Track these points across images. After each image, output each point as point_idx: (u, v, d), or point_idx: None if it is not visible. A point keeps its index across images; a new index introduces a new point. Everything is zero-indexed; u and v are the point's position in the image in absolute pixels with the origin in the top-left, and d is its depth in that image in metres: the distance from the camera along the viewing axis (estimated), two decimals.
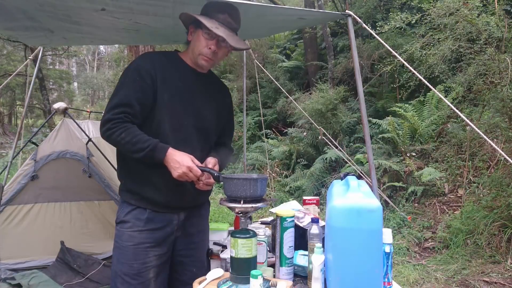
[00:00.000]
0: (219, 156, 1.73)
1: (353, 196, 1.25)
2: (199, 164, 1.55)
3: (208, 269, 1.86)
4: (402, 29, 6.48)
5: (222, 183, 1.50)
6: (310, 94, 7.82)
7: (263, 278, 1.31)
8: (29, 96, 3.85)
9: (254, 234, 1.39)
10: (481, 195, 4.33)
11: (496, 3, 4.80)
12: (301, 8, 2.23)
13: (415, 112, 5.86)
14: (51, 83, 19.66)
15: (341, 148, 5.72)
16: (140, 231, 1.63)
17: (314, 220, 1.46)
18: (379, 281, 1.24)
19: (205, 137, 1.72)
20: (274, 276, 1.52)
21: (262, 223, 2.11)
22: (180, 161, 1.50)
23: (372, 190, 1.50)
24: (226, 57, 1.81)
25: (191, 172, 1.50)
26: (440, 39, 5.11)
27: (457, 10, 4.64)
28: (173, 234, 1.71)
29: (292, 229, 1.51)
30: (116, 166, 1.77)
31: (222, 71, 11.46)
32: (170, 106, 1.61)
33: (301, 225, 1.69)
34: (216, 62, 1.72)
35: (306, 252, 1.50)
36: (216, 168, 1.65)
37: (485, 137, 2.32)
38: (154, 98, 1.59)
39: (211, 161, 1.65)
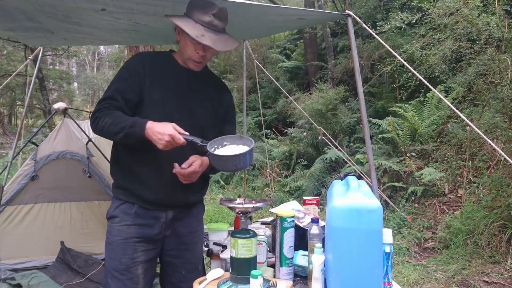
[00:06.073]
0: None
1: (353, 196, 1.25)
2: (183, 132, 1.49)
3: (202, 273, 1.85)
4: (402, 29, 6.48)
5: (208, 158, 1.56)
6: (310, 94, 7.81)
7: (263, 278, 1.31)
8: (29, 96, 3.85)
9: (254, 234, 1.39)
10: (481, 195, 4.33)
11: (496, 3, 4.79)
12: (301, 8, 2.23)
13: (415, 112, 5.85)
14: (51, 83, 19.64)
15: (341, 148, 5.72)
16: (128, 225, 1.64)
17: (314, 220, 1.46)
18: (379, 281, 1.24)
19: (199, 136, 1.71)
20: (274, 276, 1.52)
21: (262, 223, 2.11)
22: (162, 131, 1.46)
23: (372, 190, 1.50)
24: (218, 54, 1.81)
25: (173, 140, 1.45)
26: (440, 39, 5.10)
27: (457, 10, 4.64)
28: (161, 232, 1.70)
29: (292, 229, 1.51)
30: None
31: (222, 71, 11.44)
32: (161, 106, 1.62)
33: (301, 225, 1.69)
34: (206, 62, 1.74)
35: (306, 252, 1.49)
36: (203, 166, 1.61)
37: (485, 137, 2.31)
38: (141, 97, 1.61)
39: (195, 161, 1.59)
